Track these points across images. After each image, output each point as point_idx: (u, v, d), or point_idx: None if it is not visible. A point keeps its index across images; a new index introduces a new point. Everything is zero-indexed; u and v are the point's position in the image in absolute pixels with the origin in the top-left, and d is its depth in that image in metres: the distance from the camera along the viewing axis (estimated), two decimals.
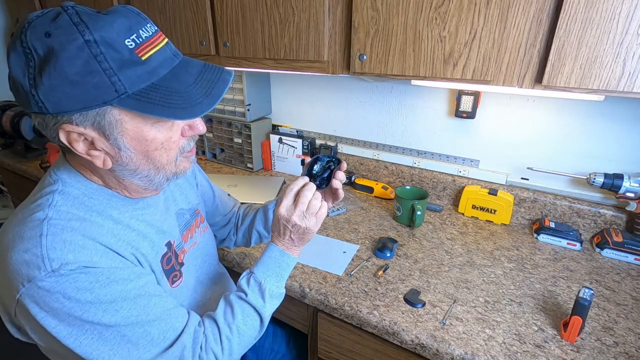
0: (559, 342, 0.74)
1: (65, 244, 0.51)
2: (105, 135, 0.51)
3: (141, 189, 0.61)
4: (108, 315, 0.53)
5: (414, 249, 1.05)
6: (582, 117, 1.08)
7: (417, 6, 0.87)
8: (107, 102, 0.48)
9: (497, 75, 0.85)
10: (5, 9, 2.04)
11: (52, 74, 0.45)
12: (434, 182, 1.34)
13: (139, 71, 0.49)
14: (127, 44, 0.48)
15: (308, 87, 1.54)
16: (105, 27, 0.46)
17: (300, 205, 0.69)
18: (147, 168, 0.57)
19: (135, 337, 0.55)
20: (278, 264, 0.71)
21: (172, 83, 0.51)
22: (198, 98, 0.52)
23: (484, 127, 1.23)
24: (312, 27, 1.02)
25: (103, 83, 0.47)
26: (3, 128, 1.76)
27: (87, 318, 0.51)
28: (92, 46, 0.46)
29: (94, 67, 0.46)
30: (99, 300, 0.52)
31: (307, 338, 1.01)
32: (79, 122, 0.49)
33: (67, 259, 0.50)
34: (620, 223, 1.08)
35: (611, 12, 0.69)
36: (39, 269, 0.49)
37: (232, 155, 1.67)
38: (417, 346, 0.76)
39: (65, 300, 0.50)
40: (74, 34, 0.45)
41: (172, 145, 0.57)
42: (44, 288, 0.49)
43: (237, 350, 0.65)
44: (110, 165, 0.54)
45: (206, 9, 1.21)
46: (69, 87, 0.46)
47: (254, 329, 0.68)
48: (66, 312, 0.50)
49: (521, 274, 0.95)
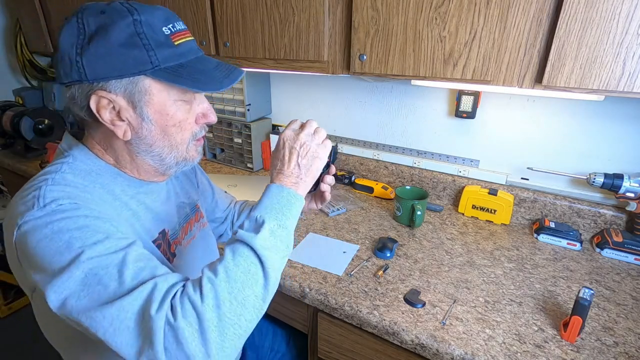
0: (559, 342, 0.74)
1: (62, 191, 0.54)
2: (132, 105, 0.57)
3: (152, 169, 0.64)
4: (87, 246, 0.49)
5: (414, 249, 1.05)
6: (582, 117, 1.08)
7: (417, 6, 0.87)
8: (142, 72, 0.55)
9: (497, 75, 0.85)
10: (5, 9, 2.04)
11: (100, 42, 0.53)
12: (434, 182, 1.34)
13: (171, 52, 0.57)
14: (164, 30, 0.56)
15: (308, 87, 1.54)
16: (150, 13, 0.56)
17: (308, 128, 0.67)
18: (162, 145, 0.61)
19: (107, 277, 0.48)
20: (278, 198, 0.59)
21: (198, 65, 0.60)
22: (219, 77, 0.60)
23: (484, 127, 1.23)
24: (312, 27, 1.03)
25: (141, 56, 0.55)
26: (3, 128, 1.76)
27: (63, 248, 0.49)
28: (137, 25, 0.54)
29: (136, 42, 0.54)
30: (84, 228, 0.51)
31: (307, 338, 1.01)
32: (113, 88, 0.55)
33: (61, 197, 0.53)
34: (620, 223, 1.08)
35: (611, 12, 0.69)
36: (33, 205, 0.52)
37: (232, 155, 1.67)
38: (417, 346, 0.76)
39: (46, 229, 0.50)
40: (124, 12, 0.54)
41: (187, 127, 0.62)
42: (33, 220, 0.50)
43: (229, 302, 0.48)
44: (129, 136, 0.59)
45: (206, 9, 1.21)
46: (112, 56, 0.53)
47: (251, 274, 0.51)
48: (48, 246, 0.49)
49: (521, 274, 0.95)
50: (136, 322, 0.47)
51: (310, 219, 1.21)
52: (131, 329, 0.47)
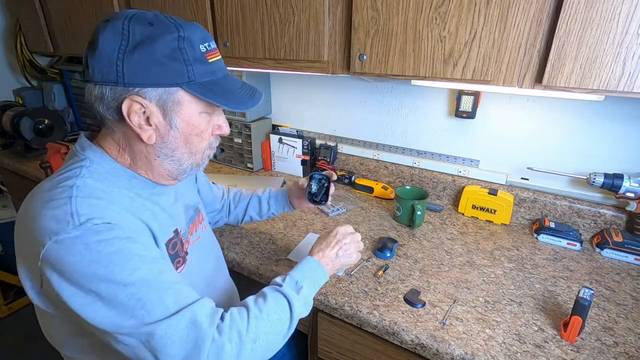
0: (559, 342, 0.74)
1: (92, 206, 0.56)
2: (163, 112, 0.61)
3: (166, 173, 0.68)
4: (125, 273, 0.54)
5: (414, 249, 1.05)
6: (582, 117, 1.08)
7: (417, 6, 0.87)
8: (179, 84, 0.60)
9: (497, 75, 0.85)
10: (5, 9, 2.04)
11: (145, 51, 0.56)
12: (434, 182, 1.34)
13: (206, 69, 0.62)
14: (201, 48, 0.61)
15: (308, 87, 1.54)
16: (192, 31, 0.60)
17: (358, 236, 0.85)
18: (182, 151, 0.66)
19: (150, 302, 0.54)
20: (314, 272, 0.74)
21: (226, 84, 0.65)
22: (244, 98, 0.66)
23: (484, 127, 1.23)
24: (312, 27, 1.03)
25: (180, 69, 0.59)
26: (3, 128, 1.76)
27: (104, 274, 0.53)
28: (180, 41, 0.58)
29: (177, 56, 0.58)
30: (120, 252, 0.54)
31: (307, 338, 1.01)
32: (148, 95, 0.59)
33: (94, 215, 0.55)
34: (620, 223, 1.08)
35: (611, 12, 0.69)
36: (67, 223, 0.53)
37: (232, 155, 1.67)
38: (417, 346, 0.76)
39: (86, 253, 0.52)
40: (171, 27, 0.59)
41: (205, 137, 0.68)
42: (69, 239, 0.52)
43: (262, 340, 0.60)
44: (154, 140, 0.62)
45: (206, 9, 1.21)
46: (154, 65, 0.57)
47: (282, 323, 0.64)
48: (85, 267, 0.52)
49: (521, 274, 0.95)
50: (185, 337, 0.54)
51: (310, 219, 1.21)
52: (178, 342, 0.54)
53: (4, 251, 2.09)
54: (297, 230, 1.14)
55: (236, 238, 1.09)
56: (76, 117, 2.14)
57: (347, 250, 0.81)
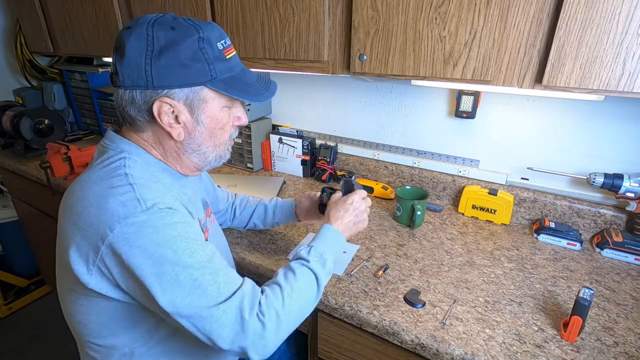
0: (559, 342, 0.74)
1: (154, 191, 0.61)
2: (191, 110, 0.65)
3: (193, 165, 0.72)
4: (186, 255, 0.58)
5: (414, 249, 1.05)
6: (582, 117, 1.08)
7: (417, 6, 0.87)
8: (203, 83, 0.63)
9: (497, 75, 0.85)
10: (5, 9, 2.04)
11: (170, 55, 0.60)
12: (434, 182, 1.34)
13: (225, 65, 0.65)
14: (219, 45, 0.64)
15: (308, 87, 1.54)
16: (209, 31, 0.63)
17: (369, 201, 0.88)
18: (208, 144, 0.70)
19: (205, 283, 0.59)
20: (335, 241, 0.78)
21: (244, 77, 0.69)
22: (261, 90, 0.70)
23: (484, 127, 1.23)
24: (312, 27, 1.03)
25: (203, 69, 0.63)
26: (3, 128, 1.76)
27: (169, 256, 0.57)
28: (200, 42, 0.61)
29: (199, 57, 0.62)
30: (181, 236, 0.59)
31: (307, 338, 1.01)
32: (176, 96, 0.63)
33: (158, 200, 0.60)
34: (620, 223, 1.08)
35: (611, 12, 0.69)
36: (135, 207, 0.58)
37: (232, 155, 1.67)
38: (417, 346, 0.76)
39: (154, 235, 0.57)
40: (191, 30, 0.61)
41: (227, 129, 0.72)
42: (138, 223, 0.57)
43: (295, 314, 0.66)
44: (183, 137, 0.67)
45: (206, 9, 1.21)
46: (179, 67, 0.61)
47: (311, 294, 0.70)
48: (153, 249, 0.57)
49: (521, 274, 0.95)
50: (234, 321, 0.59)
51: None
52: (229, 325, 0.59)
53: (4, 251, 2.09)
54: (297, 230, 1.14)
55: (236, 238, 1.09)
56: (76, 117, 2.14)
57: (361, 217, 0.84)
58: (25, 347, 1.88)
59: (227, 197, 1.07)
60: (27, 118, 1.68)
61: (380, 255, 1.02)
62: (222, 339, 0.59)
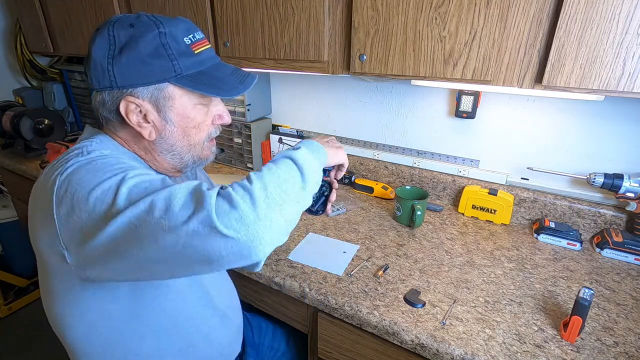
0: (559, 342, 0.74)
1: (103, 149, 0.62)
2: (157, 108, 0.63)
3: (170, 167, 0.70)
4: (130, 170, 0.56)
5: (414, 249, 1.05)
6: (582, 117, 1.08)
7: (417, 6, 0.87)
8: (167, 79, 0.61)
9: (497, 75, 0.85)
10: (5, 9, 2.04)
11: (130, 54, 0.59)
12: (434, 182, 1.34)
13: (192, 60, 0.63)
14: (185, 40, 0.62)
15: (308, 87, 1.54)
16: (173, 25, 0.62)
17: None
18: (182, 144, 0.67)
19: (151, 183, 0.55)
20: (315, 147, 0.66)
21: (215, 72, 0.66)
22: (234, 84, 0.66)
23: (484, 127, 1.23)
24: (312, 27, 1.02)
25: (166, 65, 0.61)
26: (3, 128, 1.76)
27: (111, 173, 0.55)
28: (162, 37, 0.60)
29: (161, 52, 0.60)
30: (122, 162, 0.59)
31: (307, 338, 1.01)
32: (140, 94, 0.61)
33: (103, 151, 0.60)
34: (620, 223, 1.08)
35: (611, 12, 0.69)
36: (76, 156, 0.59)
37: (232, 155, 1.67)
38: (417, 346, 0.76)
39: (93, 166, 0.56)
40: (151, 26, 0.60)
41: (204, 128, 0.69)
42: (77, 163, 0.57)
43: (272, 186, 0.53)
44: (154, 137, 0.65)
45: (206, 9, 1.21)
46: (140, 65, 0.59)
47: (289, 173, 0.57)
48: (93, 175, 0.55)
49: (521, 274, 0.95)
50: (188, 196, 0.51)
51: (310, 219, 1.21)
52: (182, 201, 0.50)
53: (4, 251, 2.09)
54: (297, 230, 1.14)
55: None
56: (76, 117, 2.14)
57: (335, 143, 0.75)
58: (25, 347, 1.88)
59: None
60: (27, 118, 1.68)
61: (380, 255, 1.02)
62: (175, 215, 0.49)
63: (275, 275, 0.94)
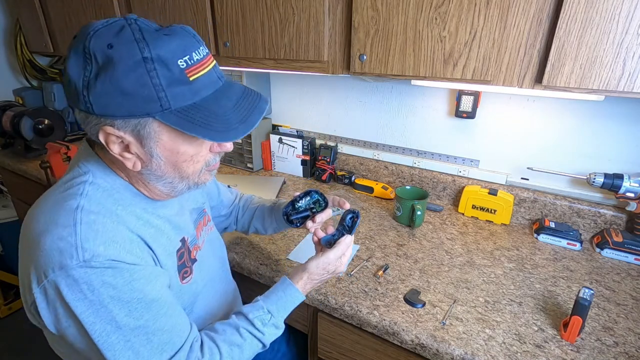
0: (559, 342, 0.74)
1: (98, 234, 0.54)
2: (141, 143, 0.55)
3: (163, 193, 0.64)
4: (122, 314, 0.54)
5: (414, 249, 1.05)
6: (582, 117, 1.08)
7: (417, 6, 0.87)
8: (151, 114, 0.52)
9: (497, 75, 0.85)
10: (5, 9, 2.04)
11: (107, 81, 0.49)
12: (434, 182, 1.34)
13: (185, 90, 0.52)
14: (180, 63, 0.51)
15: (308, 87, 1.54)
16: (164, 47, 0.50)
17: (346, 259, 0.79)
18: (173, 176, 0.60)
19: (138, 344, 0.56)
20: (292, 302, 0.75)
21: (213, 105, 0.55)
22: (234, 123, 0.55)
23: (484, 127, 1.23)
24: (312, 27, 1.02)
25: (151, 97, 0.51)
26: (3, 128, 1.76)
27: (102, 314, 0.53)
28: (148, 63, 0.49)
29: (145, 81, 0.50)
30: (119, 297, 0.54)
31: (307, 338, 1.01)
32: (120, 126, 0.53)
33: (98, 251, 0.53)
34: (620, 223, 1.08)
35: (611, 12, 0.69)
36: (71, 258, 0.51)
37: (232, 155, 1.67)
38: (417, 346, 0.76)
39: (89, 292, 0.52)
40: (134, 49, 0.49)
41: (199, 159, 0.61)
42: (73, 277, 0.51)
43: None
44: (139, 168, 0.58)
45: (206, 9, 1.21)
46: (120, 96, 0.50)
47: (253, 353, 0.70)
48: (86, 306, 0.52)
49: (521, 274, 0.95)
50: None
51: None
52: None
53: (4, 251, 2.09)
54: (297, 230, 1.14)
55: (236, 238, 1.09)
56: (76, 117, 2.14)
57: (331, 275, 0.78)
58: (25, 347, 1.88)
59: (233, 199, 1.01)
60: (27, 118, 1.68)
61: (380, 255, 1.02)
62: None
63: (275, 275, 0.94)
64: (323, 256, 0.76)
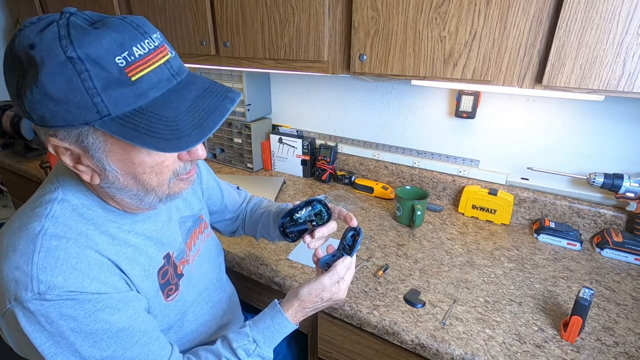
0: (559, 342, 0.74)
1: (58, 262, 0.49)
2: (89, 155, 0.49)
3: (133, 206, 0.58)
4: (86, 346, 0.51)
5: (414, 249, 1.05)
6: (582, 117, 1.08)
7: (417, 6, 0.87)
8: (89, 123, 0.45)
9: (497, 75, 0.85)
10: (5, 9, 2.04)
11: (34, 89, 0.43)
12: (434, 182, 1.34)
13: (126, 93, 0.45)
14: (118, 61, 0.43)
15: (308, 87, 1.54)
16: (93, 44, 0.43)
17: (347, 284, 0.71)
18: (136, 188, 0.54)
19: None
20: (280, 332, 0.69)
21: (162, 109, 0.47)
22: (186, 129, 0.47)
23: (484, 127, 1.23)
24: (312, 27, 1.02)
25: (85, 103, 0.43)
26: (3, 128, 1.76)
27: (64, 346, 0.50)
28: (75, 63, 0.42)
29: (76, 85, 0.43)
30: (81, 329, 0.50)
31: (307, 338, 1.01)
32: (63, 137, 0.47)
33: (55, 282, 0.48)
34: (620, 223, 1.08)
35: (611, 12, 0.69)
36: (26, 290, 0.47)
37: (232, 155, 1.67)
38: (417, 346, 0.76)
39: (47, 325, 0.48)
40: (56, 49, 0.42)
41: (164, 169, 0.53)
42: (29, 309, 0.48)
43: None
44: (97, 181, 0.52)
45: (206, 9, 1.21)
46: (52, 103, 0.43)
47: None
48: (47, 336, 0.49)
49: (521, 274, 0.95)
50: None
51: None
52: None
53: None
54: None
55: (236, 238, 1.09)
56: None
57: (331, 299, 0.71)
58: None
59: (240, 202, 0.96)
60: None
61: (380, 255, 1.02)
62: None
63: (275, 275, 0.94)
64: (317, 281, 0.68)
